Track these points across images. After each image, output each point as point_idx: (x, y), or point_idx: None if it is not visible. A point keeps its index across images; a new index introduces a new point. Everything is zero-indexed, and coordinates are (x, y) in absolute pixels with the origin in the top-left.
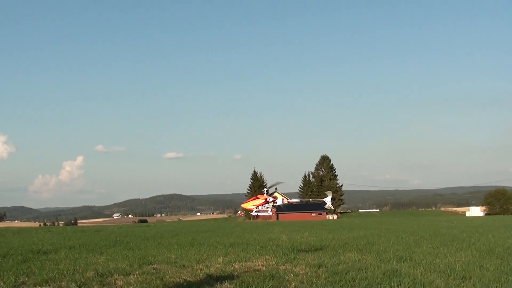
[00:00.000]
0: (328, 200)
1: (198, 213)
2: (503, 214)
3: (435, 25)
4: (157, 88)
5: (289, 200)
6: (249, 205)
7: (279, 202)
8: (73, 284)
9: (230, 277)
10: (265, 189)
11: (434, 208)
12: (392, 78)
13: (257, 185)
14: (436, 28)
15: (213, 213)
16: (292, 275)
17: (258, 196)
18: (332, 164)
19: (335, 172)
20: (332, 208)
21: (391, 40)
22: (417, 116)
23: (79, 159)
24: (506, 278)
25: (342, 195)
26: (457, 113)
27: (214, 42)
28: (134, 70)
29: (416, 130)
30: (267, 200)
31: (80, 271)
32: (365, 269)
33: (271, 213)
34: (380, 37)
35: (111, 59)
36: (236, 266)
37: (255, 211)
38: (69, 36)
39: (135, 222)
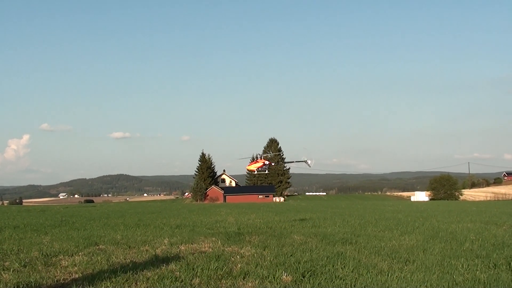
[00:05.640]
0: (309, 162)
1: (145, 194)
2: (447, 199)
3: (381, 8)
4: (104, 66)
5: (271, 162)
6: (252, 167)
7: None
8: (17, 264)
9: (176, 258)
10: (259, 155)
11: (380, 193)
12: (339, 63)
13: (205, 167)
14: (382, 11)
15: (160, 195)
16: (238, 257)
17: (257, 160)
18: (280, 147)
19: (283, 155)
20: (310, 167)
21: (335, 25)
22: (364, 101)
23: (25, 137)
24: (449, 262)
25: (289, 178)
26: (404, 98)
27: (164, 21)
28: (81, 47)
29: (364, 115)
30: (265, 163)
31: (24, 251)
32: (310, 251)
33: (267, 172)
34: (324, 21)
35: (58, 35)
36: (182, 247)
37: (257, 171)
38: (12, 13)
39: (81, 202)
